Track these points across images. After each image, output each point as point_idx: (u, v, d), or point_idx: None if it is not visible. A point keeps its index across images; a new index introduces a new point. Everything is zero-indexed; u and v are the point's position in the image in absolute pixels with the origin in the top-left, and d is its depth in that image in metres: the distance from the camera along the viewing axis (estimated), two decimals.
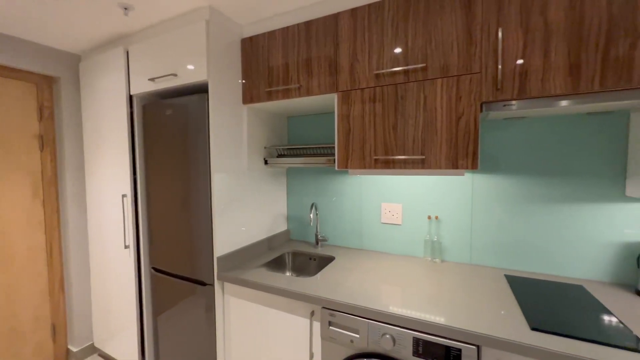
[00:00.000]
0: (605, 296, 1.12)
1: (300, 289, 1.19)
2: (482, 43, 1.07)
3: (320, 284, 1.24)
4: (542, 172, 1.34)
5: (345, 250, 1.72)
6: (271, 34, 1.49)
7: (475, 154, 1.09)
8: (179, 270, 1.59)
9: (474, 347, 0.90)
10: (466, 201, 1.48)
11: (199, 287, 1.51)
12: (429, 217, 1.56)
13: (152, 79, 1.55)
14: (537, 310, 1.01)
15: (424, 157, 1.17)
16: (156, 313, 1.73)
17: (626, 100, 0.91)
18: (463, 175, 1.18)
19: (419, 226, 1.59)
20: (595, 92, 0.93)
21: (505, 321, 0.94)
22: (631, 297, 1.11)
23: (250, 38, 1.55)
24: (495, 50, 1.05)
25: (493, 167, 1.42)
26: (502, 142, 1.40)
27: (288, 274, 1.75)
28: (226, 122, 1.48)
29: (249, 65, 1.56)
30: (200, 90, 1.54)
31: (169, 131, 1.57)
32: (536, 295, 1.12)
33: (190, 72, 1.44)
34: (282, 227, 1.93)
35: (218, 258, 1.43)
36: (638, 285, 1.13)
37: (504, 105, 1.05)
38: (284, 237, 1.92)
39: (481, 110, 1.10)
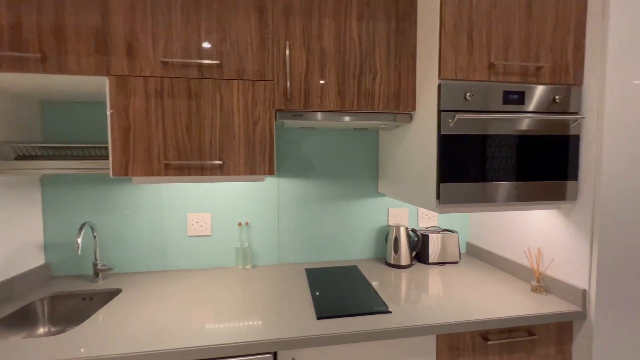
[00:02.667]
0: (369, 271, 1.44)
1: (38, 356, 0.80)
2: (273, 52, 1.11)
3: (81, 337, 0.89)
4: (332, 175, 1.58)
5: (140, 277, 1.37)
6: None
7: (271, 159, 1.12)
8: None
9: (269, 355, 0.89)
10: (273, 204, 1.54)
11: None
12: (240, 224, 1.51)
13: None
14: (324, 298, 1.14)
15: (222, 162, 1.09)
16: None
17: (373, 120, 1.19)
18: (263, 180, 1.20)
19: (230, 234, 1.51)
20: (354, 111, 1.16)
21: (299, 317, 1.01)
22: (384, 268, 1.50)
23: None
24: (284, 63, 1.11)
25: (294, 171, 1.55)
26: (301, 149, 1.55)
27: (42, 329, 1.20)
28: None
29: None
30: None
31: None
32: (325, 282, 1.29)
33: None
34: (33, 262, 1.31)
35: None
36: (386, 257, 1.54)
37: (294, 115, 1.13)
38: (38, 277, 1.31)
39: (276, 118, 1.14)
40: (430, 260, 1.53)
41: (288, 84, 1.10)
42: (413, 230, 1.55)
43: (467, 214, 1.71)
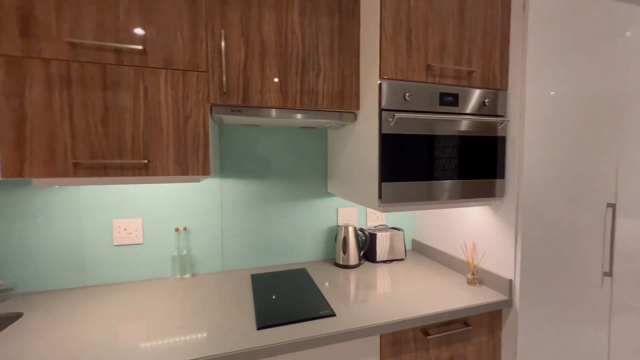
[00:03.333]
0: (318, 273, 1.41)
1: None
2: (207, 41, 1.01)
3: None
4: (279, 175, 1.52)
5: (51, 297, 1.17)
6: None
7: (206, 158, 1.02)
8: None
9: None
10: (215, 207, 1.42)
11: None
12: (177, 229, 1.37)
13: None
14: (267, 305, 1.08)
15: (147, 161, 0.96)
16: None
17: (318, 119, 1.15)
18: (199, 181, 1.09)
19: (165, 241, 1.36)
20: (297, 109, 1.11)
21: (238, 329, 0.93)
22: (333, 269, 1.47)
23: None
24: (220, 53, 1.02)
25: (239, 172, 1.45)
26: (245, 147, 1.46)
27: None
28: None
29: None
30: None
31: None
32: (271, 288, 1.23)
33: None
34: None
35: None
36: (336, 258, 1.52)
37: (232, 111, 1.05)
38: None
39: (212, 113, 1.04)
40: (378, 259, 1.55)
41: (224, 77, 1.01)
42: (361, 230, 1.56)
43: (412, 212, 1.77)
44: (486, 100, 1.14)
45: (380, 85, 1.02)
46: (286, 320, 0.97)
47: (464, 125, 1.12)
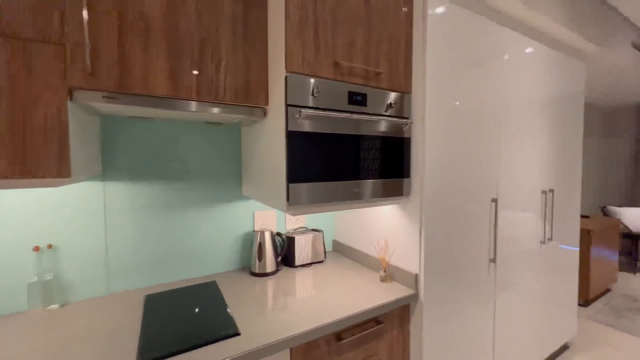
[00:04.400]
0: (230, 285, 1.27)
1: None
2: (66, 8, 0.79)
3: None
4: (185, 177, 1.33)
5: None
6: None
7: (63, 157, 0.80)
8: None
9: None
10: (97, 217, 1.16)
11: None
12: (37, 248, 1.06)
13: None
14: (157, 333, 0.90)
15: None
16: None
17: (221, 113, 1.02)
18: (57, 186, 0.84)
19: (18, 265, 1.05)
20: (193, 100, 0.97)
21: None
22: (248, 279, 1.35)
23: None
24: (82, 24, 0.81)
25: (131, 174, 1.21)
26: (138, 144, 1.23)
27: None
28: None
29: None
30: None
31: None
32: (167, 310, 1.04)
33: None
34: None
35: None
36: (251, 266, 1.40)
37: (104, 97, 0.84)
38: None
39: (71, 98, 0.82)
40: (297, 263, 1.49)
41: (88, 55, 0.80)
42: (278, 234, 1.47)
43: (333, 212, 1.76)
44: (393, 102, 1.18)
45: (286, 78, 0.95)
46: (177, 349, 0.82)
47: (372, 125, 1.14)
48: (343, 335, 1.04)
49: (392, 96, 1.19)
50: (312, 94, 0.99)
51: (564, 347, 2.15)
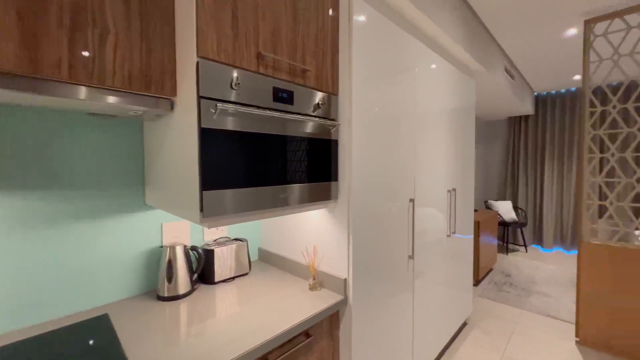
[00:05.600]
0: (128, 316, 1.02)
1: None
2: None
3: None
4: (66, 183, 1.01)
5: None
6: None
7: None
8: None
9: None
10: None
11: None
12: None
13: None
14: None
15: None
16: None
17: (109, 101, 0.80)
18: None
19: None
20: (63, 81, 0.72)
21: None
22: (154, 305, 1.11)
23: None
24: None
25: None
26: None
27: None
28: None
29: None
30: None
31: None
32: None
33: None
34: None
35: None
36: (158, 289, 1.17)
37: None
38: None
39: None
40: (217, 279, 1.31)
41: None
42: (193, 248, 1.27)
43: None
44: (320, 102, 1.13)
45: (198, 65, 0.79)
46: None
47: (299, 125, 1.06)
48: (270, 356, 0.94)
49: (320, 96, 1.14)
50: (232, 87, 0.85)
51: (464, 324, 2.50)
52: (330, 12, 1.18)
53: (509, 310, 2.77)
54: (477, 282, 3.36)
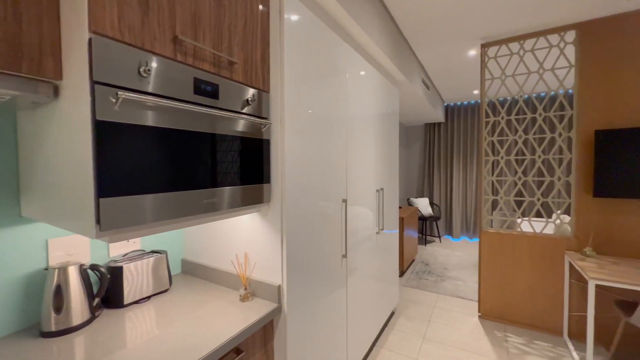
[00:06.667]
0: None
1: None
2: None
3: None
4: None
5: None
6: None
7: None
8: None
9: None
10: None
11: None
12: None
13: None
14: None
15: None
16: None
17: None
18: None
19: None
20: None
21: None
22: (33, 345, 0.87)
23: None
24: None
25: None
26: None
27: None
28: None
29: None
30: None
31: None
32: None
33: None
34: None
35: None
36: (42, 323, 0.92)
37: None
38: None
39: None
40: (127, 301, 1.11)
41: None
42: (93, 267, 1.04)
43: None
44: (250, 99, 1.05)
45: (90, 42, 0.64)
46: None
47: (227, 123, 0.97)
48: None
49: (250, 92, 1.06)
50: (140, 73, 0.72)
51: (392, 314, 2.69)
52: (260, 7, 1.11)
53: (428, 295, 3.09)
54: (402, 273, 3.67)
